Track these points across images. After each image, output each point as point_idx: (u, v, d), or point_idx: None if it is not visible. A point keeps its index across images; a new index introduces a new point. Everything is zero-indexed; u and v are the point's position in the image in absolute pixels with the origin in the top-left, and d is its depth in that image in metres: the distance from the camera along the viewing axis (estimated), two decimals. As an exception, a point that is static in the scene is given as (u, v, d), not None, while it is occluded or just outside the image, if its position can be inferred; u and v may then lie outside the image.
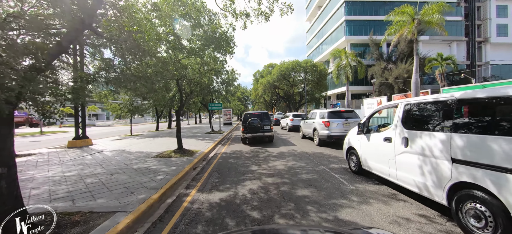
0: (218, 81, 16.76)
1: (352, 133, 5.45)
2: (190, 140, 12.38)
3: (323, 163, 6.09)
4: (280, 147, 9.25)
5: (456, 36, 43.09)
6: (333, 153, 7.49)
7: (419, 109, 3.60)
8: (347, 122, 8.48)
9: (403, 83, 31.92)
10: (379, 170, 4.22)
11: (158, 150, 9.25)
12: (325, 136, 8.51)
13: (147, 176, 5.29)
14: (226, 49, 8.75)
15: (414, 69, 12.74)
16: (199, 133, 16.79)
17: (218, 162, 6.89)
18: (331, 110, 8.86)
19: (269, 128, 10.50)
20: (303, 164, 5.95)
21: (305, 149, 8.44)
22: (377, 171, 4.30)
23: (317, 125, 9.25)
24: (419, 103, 3.57)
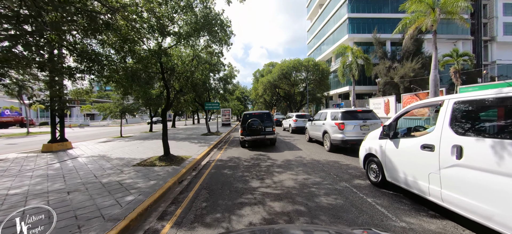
0: (215, 79, 15.48)
1: (371, 137, 4.62)
2: (182, 143, 11.09)
3: (343, 177, 4.79)
4: (284, 152, 7.96)
5: (461, 35, 41.94)
6: (351, 161, 6.20)
7: (478, 108, 2.69)
8: (365, 124, 7.18)
9: (409, 82, 30.70)
10: (412, 185, 3.37)
11: (143, 155, 7.96)
12: (339, 141, 7.21)
13: (114, 195, 4.00)
14: (221, 38, 7.46)
15: (432, 65, 11.50)
16: (194, 135, 15.49)
17: (210, 173, 5.59)
18: (345, 110, 7.57)
19: (271, 130, 9.39)
20: (317, 179, 4.65)
21: (315, 155, 7.15)
22: (409, 186, 3.45)
23: (328, 127, 7.95)
24: (479, 101, 2.63)
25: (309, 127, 10.64)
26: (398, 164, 3.73)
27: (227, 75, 15.26)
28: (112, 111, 14.92)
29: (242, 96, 56.66)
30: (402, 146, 3.70)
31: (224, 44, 8.15)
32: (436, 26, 11.36)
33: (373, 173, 4.44)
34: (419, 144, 3.29)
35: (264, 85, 38.31)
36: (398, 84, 31.79)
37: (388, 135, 4.08)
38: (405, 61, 31.97)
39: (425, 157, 3.14)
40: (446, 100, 3.09)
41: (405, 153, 3.60)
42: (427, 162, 3.11)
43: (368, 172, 4.62)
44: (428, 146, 3.11)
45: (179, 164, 6.44)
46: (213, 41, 7.45)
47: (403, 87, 31.05)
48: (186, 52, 7.94)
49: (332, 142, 7.55)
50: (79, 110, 42.88)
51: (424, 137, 3.28)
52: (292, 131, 16.18)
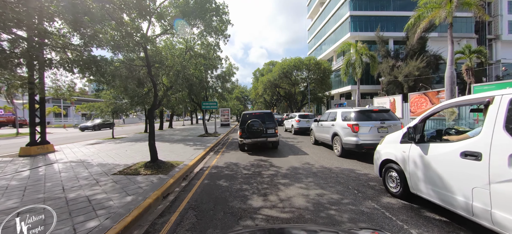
0: (213, 76, 14.55)
1: (390, 141, 4.02)
2: (176, 146, 10.16)
3: (367, 193, 3.87)
4: (288, 157, 7.05)
5: (466, 33, 41.17)
6: (369, 169, 5.28)
7: None
8: (383, 125, 6.26)
9: (413, 81, 29.81)
10: (447, 201, 2.78)
11: (129, 160, 7.05)
12: (352, 144, 6.28)
13: (73, 219, 3.09)
14: (217, 28, 6.56)
15: (448, 61, 10.60)
16: (190, 136, 14.56)
17: (202, 185, 4.66)
18: (359, 109, 6.64)
19: (274, 132, 8.48)
20: (335, 195, 3.72)
21: (324, 161, 6.24)
22: (443, 202, 2.85)
23: (339, 129, 7.02)
24: None
25: (315, 128, 9.71)
26: (427, 174, 3.11)
27: (225, 73, 14.33)
28: (103, 111, 13.99)
29: (241, 96, 55.74)
30: (433, 153, 3.04)
31: (220, 35, 7.24)
32: (452, 18, 10.47)
33: (393, 182, 3.86)
34: (458, 151, 2.69)
35: (264, 85, 37.40)
36: (402, 84, 30.90)
37: (413, 139, 3.39)
38: (409, 60, 31.09)
39: (467, 167, 2.56)
40: (498, 97, 2.46)
41: (437, 161, 2.97)
42: (470, 174, 2.53)
43: (386, 181, 3.99)
44: (472, 153, 2.53)
45: (167, 172, 5.52)
46: (208, 31, 6.54)
47: (407, 86, 30.16)
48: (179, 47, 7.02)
49: (344, 146, 6.62)
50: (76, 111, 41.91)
51: (465, 142, 2.66)
52: (294, 132, 15.21)
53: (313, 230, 1.36)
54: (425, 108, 16.83)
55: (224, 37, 7.63)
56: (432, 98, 16.35)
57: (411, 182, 3.46)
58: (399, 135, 3.96)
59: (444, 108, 3.36)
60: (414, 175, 3.40)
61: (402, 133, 3.88)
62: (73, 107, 40.09)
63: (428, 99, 16.72)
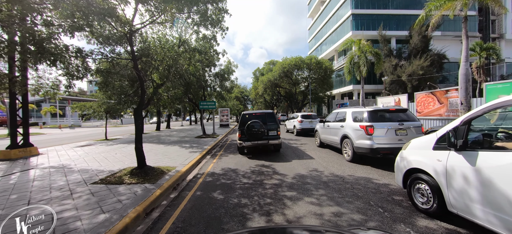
0: (211, 74, 13.85)
1: (417, 146, 3.39)
2: (171, 148, 9.46)
3: (394, 211, 3.14)
4: (293, 162, 6.35)
5: (469, 32, 40.41)
6: (389, 178, 4.57)
7: None
8: (401, 127, 5.54)
9: (417, 81, 29.13)
10: None
11: (116, 165, 6.36)
12: (366, 149, 5.57)
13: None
14: (213, 19, 5.86)
15: (463, 57, 9.90)
16: (187, 137, 13.86)
17: (194, 198, 3.95)
18: (373, 109, 5.94)
19: (276, 134, 7.83)
20: (355, 215, 2.98)
21: (334, 168, 5.53)
22: (504, 230, 2.20)
23: (349, 131, 6.31)
24: None
25: (320, 129, 9.00)
26: (476, 190, 2.47)
27: (224, 71, 13.63)
28: (95, 111, 13.28)
29: (241, 95, 55.03)
30: (486, 163, 2.40)
31: (217, 27, 6.54)
32: (467, 10, 9.78)
33: (422, 196, 3.21)
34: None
35: (264, 84, 36.70)
36: (406, 83, 30.23)
37: (454, 145, 2.72)
38: (413, 59, 30.42)
39: None
40: None
41: (493, 175, 2.32)
42: None
43: (413, 195, 3.34)
44: None
45: (155, 180, 4.81)
46: (203, 22, 5.83)
47: (411, 85, 29.48)
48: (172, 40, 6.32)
49: (356, 150, 5.90)
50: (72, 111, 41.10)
51: None
52: (296, 133, 14.44)
53: (314, 230, 1.36)
54: (433, 108, 16.15)
55: (221, 30, 6.93)
56: (440, 97, 15.65)
57: (450, 198, 2.79)
58: (431, 140, 3.28)
59: (495, 108, 2.65)
60: (454, 190, 2.73)
61: (436, 137, 3.20)
62: (69, 107, 39.29)
63: (436, 98, 16.02)
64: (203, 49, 7.75)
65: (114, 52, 4.97)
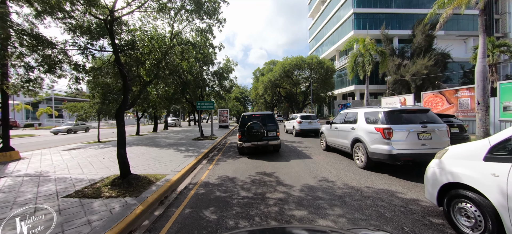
0: (209, 73, 13.14)
1: (459, 155, 2.75)
2: (165, 152, 8.75)
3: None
4: (299, 169, 5.63)
5: (472, 31, 39.91)
6: (413, 190, 3.87)
7: None
8: (425, 130, 4.82)
9: (421, 80, 28.44)
10: None
11: (100, 173, 5.66)
12: (383, 155, 4.85)
13: None
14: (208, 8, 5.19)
15: (480, 53, 9.19)
16: (184, 139, 13.15)
17: (181, 218, 3.22)
18: (391, 109, 5.22)
19: (275, 135, 7.90)
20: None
21: (347, 176, 4.81)
22: None
23: (362, 134, 5.59)
24: None
25: (327, 131, 8.29)
26: None
27: (222, 69, 12.92)
28: (86, 112, 12.59)
29: (241, 96, 54.36)
30: None
31: (213, 18, 5.85)
32: (483, 2, 9.11)
33: (468, 219, 2.56)
34: None
35: (264, 85, 36.01)
36: (409, 83, 29.54)
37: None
38: (416, 58, 29.76)
39: None
40: None
41: None
42: None
43: (454, 216, 2.70)
44: None
45: (139, 192, 4.10)
46: (197, 10, 5.14)
47: (415, 85, 28.78)
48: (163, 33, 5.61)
49: (371, 156, 5.18)
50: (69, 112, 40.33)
51: None
52: (295, 133, 14.19)
53: (314, 230, 1.35)
54: (442, 108, 15.44)
55: (218, 22, 6.24)
56: (450, 97, 14.94)
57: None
58: (480, 148, 2.60)
59: None
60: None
61: (489, 144, 2.52)
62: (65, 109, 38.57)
63: (445, 98, 15.31)
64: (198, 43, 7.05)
65: (93, 44, 4.28)
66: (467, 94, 13.58)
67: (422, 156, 4.79)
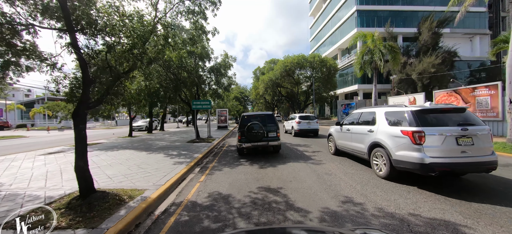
0: (206, 69, 12.04)
1: None
2: (153, 157, 7.66)
3: None
4: (311, 183, 4.55)
5: (478, 29, 38.90)
6: (473, 217, 2.81)
7: None
8: (465, 134, 3.75)
9: (428, 79, 27.33)
10: None
11: (64, 188, 4.58)
12: (414, 164, 3.79)
13: None
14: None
15: (511, 45, 8.12)
16: (178, 142, 12.06)
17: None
18: (420, 108, 4.20)
19: (276, 135, 7.72)
20: None
21: (376, 195, 3.71)
22: None
23: (384, 138, 4.51)
24: None
25: (337, 134, 7.23)
26: None
27: (220, 65, 11.80)
28: (70, 111, 11.50)
29: (241, 96, 53.26)
30: None
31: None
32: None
33: None
34: None
35: (265, 84, 34.90)
36: (416, 82, 28.42)
37: None
38: (423, 57, 28.66)
39: None
40: None
41: None
42: None
43: None
44: None
45: (100, 219, 3.02)
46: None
47: (421, 84, 27.66)
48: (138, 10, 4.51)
49: (396, 164, 4.11)
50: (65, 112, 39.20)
51: None
52: (294, 133, 14.04)
53: (313, 230, 1.34)
54: (456, 108, 14.38)
55: (212, 3, 5.16)
56: (466, 96, 13.83)
57: None
58: None
59: None
60: None
61: None
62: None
63: (460, 97, 14.19)
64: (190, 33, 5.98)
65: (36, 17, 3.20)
66: (486, 92, 12.50)
67: (462, 166, 3.78)
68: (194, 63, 10.82)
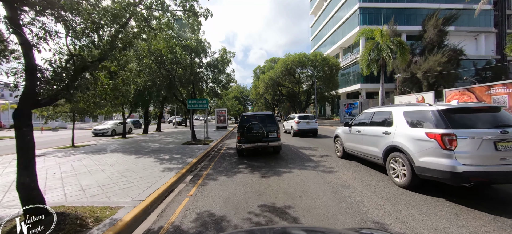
0: (202, 65, 11.17)
1: None
2: (140, 163, 6.81)
3: None
4: (325, 199, 3.71)
5: (484, 27, 38.00)
6: None
7: None
8: (505, 137, 3.05)
9: (434, 78, 26.45)
10: None
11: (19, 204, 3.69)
12: (445, 172, 3.15)
13: None
14: None
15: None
16: (173, 144, 11.20)
17: None
18: (447, 107, 3.52)
19: (276, 136, 7.51)
20: None
21: (414, 219, 2.79)
22: None
23: (404, 141, 3.78)
24: None
25: (345, 135, 6.45)
26: None
27: (217, 60, 10.90)
28: (57, 111, 10.68)
29: (241, 96, 52.37)
30: None
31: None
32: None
33: None
34: None
35: (265, 83, 34.03)
36: (421, 81, 27.55)
37: None
38: (428, 55, 27.79)
39: None
40: None
41: None
42: None
43: None
44: None
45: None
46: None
47: (427, 83, 26.79)
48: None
49: (420, 172, 3.43)
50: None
51: None
52: (293, 133, 13.98)
53: (313, 230, 1.35)
54: (470, 107, 13.56)
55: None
56: (481, 95, 12.97)
57: None
58: None
59: None
60: None
61: None
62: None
63: (474, 96, 13.34)
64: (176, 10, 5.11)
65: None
66: (504, 91, 11.65)
67: (503, 176, 3.06)
68: (190, 59, 9.96)
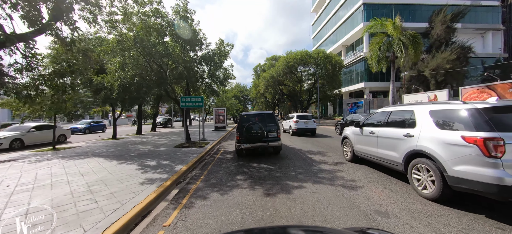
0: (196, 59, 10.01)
1: None
2: (118, 171, 5.68)
3: None
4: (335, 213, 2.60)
5: (491, 24, 36.84)
6: None
7: None
8: None
9: (443, 76, 25.30)
10: None
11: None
12: (489, 185, 2.37)
13: None
14: None
15: None
16: (165, 146, 10.08)
17: None
18: (488, 105, 2.65)
19: (276, 136, 7.33)
20: None
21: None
22: None
23: (432, 146, 3.03)
24: None
25: (355, 137, 5.48)
26: None
27: (214, 53, 9.74)
28: (35, 110, 9.55)
29: (241, 95, 51.20)
30: None
31: None
32: None
33: None
34: None
35: (266, 81, 32.89)
36: (428, 79, 26.40)
37: None
38: (436, 52, 26.65)
39: None
40: None
41: None
42: None
43: None
44: None
45: None
46: None
47: (435, 81, 25.65)
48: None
49: (455, 184, 2.52)
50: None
51: None
52: (292, 133, 14.08)
53: (313, 230, 1.34)
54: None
55: None
56: (503, 93, 11.83)
57: None
58: None
59: None
60: None
61: None
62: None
63: (496, 94, 12.23)
64: None
65: None
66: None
67: None
68: (182, 51, 8.83)
